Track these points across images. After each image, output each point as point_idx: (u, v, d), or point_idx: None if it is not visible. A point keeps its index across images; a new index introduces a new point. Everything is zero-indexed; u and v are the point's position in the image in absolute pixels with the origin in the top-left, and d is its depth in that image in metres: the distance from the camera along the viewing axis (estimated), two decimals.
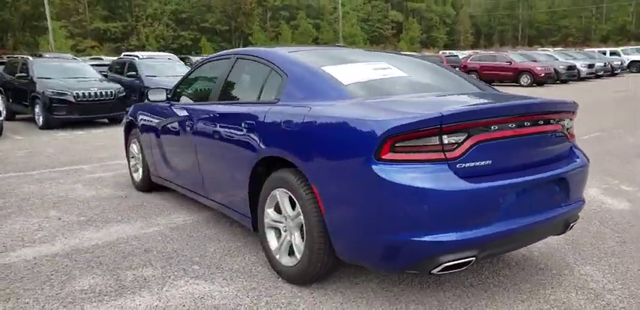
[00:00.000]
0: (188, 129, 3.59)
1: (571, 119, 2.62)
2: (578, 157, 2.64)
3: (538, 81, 20.30)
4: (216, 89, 3.49)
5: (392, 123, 2.08)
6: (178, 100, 4.13)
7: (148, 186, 4.71)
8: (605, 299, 2.48)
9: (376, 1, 73.26)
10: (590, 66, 23.53)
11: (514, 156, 2.30)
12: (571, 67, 22.09)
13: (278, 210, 2.78)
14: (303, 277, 2.60)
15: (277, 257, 2.76)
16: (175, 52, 40.32)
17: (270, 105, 2.82)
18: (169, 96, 4.13)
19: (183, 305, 2.49)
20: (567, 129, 2.58)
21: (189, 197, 4.09)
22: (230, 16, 62.66)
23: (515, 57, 21.89)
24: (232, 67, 3.42)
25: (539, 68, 20.60)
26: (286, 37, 60.43)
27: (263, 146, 2.73)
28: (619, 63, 26.65)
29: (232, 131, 3.03)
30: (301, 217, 2.52)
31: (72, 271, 2.96)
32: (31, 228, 3.78)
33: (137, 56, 17.17)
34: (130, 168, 5.06)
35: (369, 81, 2.74)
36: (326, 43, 58.94)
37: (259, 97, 3.05)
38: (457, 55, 26.05)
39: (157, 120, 4.19)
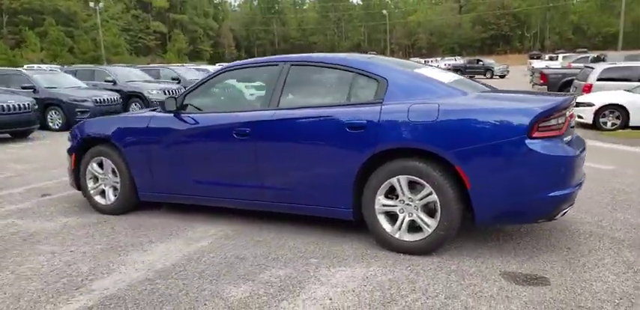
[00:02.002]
0: (238, 136, 3.65)
1: None
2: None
3: None
4: (269, 96, 3.65)
5: (539, 110, 2.88)
6: (185, 110, 4.04)
7: (130, 206, 4.38)
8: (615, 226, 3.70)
9: (136, 10, 70.21)
10: None
11: (569, 133, 3.31)
12: None
13: (389, 196, 3.24)
14: (431, 247, 3.15)
15: (397, 236, 3.23)
16: None
17: (375, 105, 3.25)
18: (178, 106, 4.01)
19: (364, 285, 2.79)
20: None
21: (210, 207, 4.08)
22: None
23: None
24: (287, 74, 3.65)
25: None
26: (33, 46, 52.99)
27: (381, 141, 3.16)
28: None
29: (330, 132, 3.33)
30: (433, 196, 3.06)
31: (202, 285, 2.88)
32: (59, 265, 3.29)
33: None
34: (88, 192, 4.54)
35: (454, 81, 3.44)
36: (90, 52, 53.94)
37: (348, 99, 3.43)
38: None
39: (166, 133, 4.00)
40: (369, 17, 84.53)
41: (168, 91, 13.98)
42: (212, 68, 19.69)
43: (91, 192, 4.52)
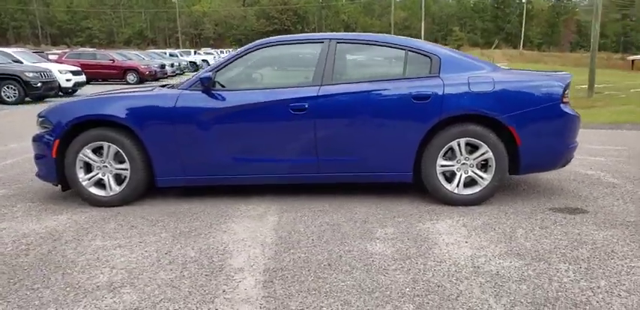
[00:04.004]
0: (294, 112, 3.73)
1: None
2: None
3: (144, 79, 21.63)
4: (320, 71, 3.81)
5: (567, 80, 3.78)
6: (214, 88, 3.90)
7: (137, 195, 4.02)
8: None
9: None
10: (172, 65, 26.61)
11: None
12: (163, 66, 24.33)
13: (447, 157, 3.81)
14: (486, 197, 3.84)
15: (456, 191, 3.82)
16: None
17: (434, 78, 3.76)
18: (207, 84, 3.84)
19: (474, 230, 3.32)
20: None
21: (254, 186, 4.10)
22: None
23: (117, 55, 22.36)
24: (335, 50, 3.86)
25: (143, 66, 21.96)
26: None
27: (446, 109, 3.68)
28: (185, 63, 30.95)
29: (396, 103, 3.71)
30: (489, 154, 3.74)
31: (342, 247, 3.04)
32: (156, 254, 3.03)
33: None
34: (79, 184, 3.96)
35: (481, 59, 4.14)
36: None
37: (404, 74, 3.84)
38: (42, 51, 23.67)
39: (202, 112, 3.80)
40: (151, 4, 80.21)
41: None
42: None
43: (84, 183, 3.95)
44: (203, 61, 37.47)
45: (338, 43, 3.93)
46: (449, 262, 2.81)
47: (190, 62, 33.56)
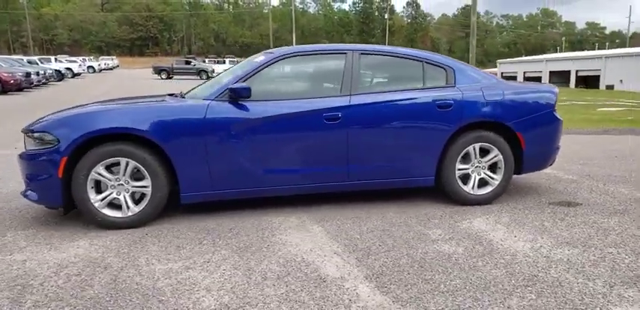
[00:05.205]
0: (328, 121, 3.79)
1: None
2: None
3: (7, 89, 19.28)
4: (348, 82, 3.92)
5: (555, 91, 4.34)
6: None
7: (156, 214, 3.73)
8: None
9: None
10: (38, 73, 23.99)
11: None
12: (28, 74, 21.83)
13: (462, 161, 4.15)
14: (496, 196, 4.24)
15: (472, 192, 4.17)
16: None
17: (451, 88, 4.08)
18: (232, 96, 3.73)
19: (508, 225, 3.68)
20: None
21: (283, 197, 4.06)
22: None
23: None
24: (359, 61, 4.00)
25: (6, 74, 19.51)
26: None
27: (466, 116, 4.01)
28: (51, 71, 28.07)
29: (422, 112, 3.96)
30: (499, 157, 4.15)
31: (413, 249, 3.17)
32: (237, 272, 2.87)
33: None
34: (90, 206, 3.56)
35: None
36: None
37: (424, 84, 4.09)
38: None
39: (233, 123, 3.67)
40: None
41: None
42: None
43: (96, 204, 3.56)
44: (67, 69, 34.42)
45: (361, 54, 4.07)
46: (521, 255, 3.10)
47: (56, 70, 30.49)
